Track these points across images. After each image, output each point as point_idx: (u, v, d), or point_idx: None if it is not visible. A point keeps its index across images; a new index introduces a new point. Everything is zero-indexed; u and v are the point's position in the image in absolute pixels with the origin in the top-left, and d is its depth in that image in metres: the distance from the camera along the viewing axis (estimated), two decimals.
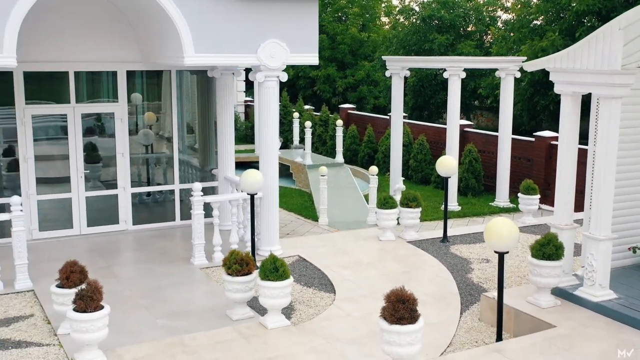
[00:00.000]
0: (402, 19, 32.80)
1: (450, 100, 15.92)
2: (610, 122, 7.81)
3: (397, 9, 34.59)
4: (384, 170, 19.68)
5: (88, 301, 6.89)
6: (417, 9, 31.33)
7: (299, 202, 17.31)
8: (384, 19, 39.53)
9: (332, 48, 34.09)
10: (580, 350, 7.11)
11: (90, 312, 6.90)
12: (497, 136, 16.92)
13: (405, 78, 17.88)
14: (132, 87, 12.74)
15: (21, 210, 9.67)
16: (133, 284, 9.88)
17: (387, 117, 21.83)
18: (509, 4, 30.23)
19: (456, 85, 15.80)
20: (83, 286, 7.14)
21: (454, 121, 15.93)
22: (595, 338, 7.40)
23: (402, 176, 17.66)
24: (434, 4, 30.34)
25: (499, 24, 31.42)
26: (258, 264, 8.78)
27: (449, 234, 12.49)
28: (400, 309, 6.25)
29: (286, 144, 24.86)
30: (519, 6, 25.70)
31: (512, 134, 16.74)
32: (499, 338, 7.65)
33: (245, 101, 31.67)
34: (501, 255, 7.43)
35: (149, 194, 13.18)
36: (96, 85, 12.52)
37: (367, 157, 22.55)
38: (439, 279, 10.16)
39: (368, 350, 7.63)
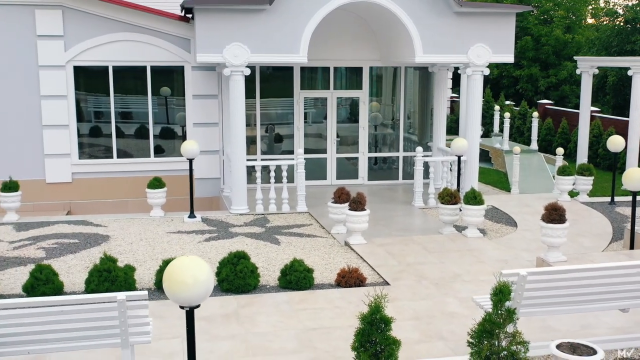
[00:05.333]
0: (606, 21, 34.16)
1: (633, 95, 18.53)
2: None
3: (603, 11, 35.96)
4: (575, 158, 22.47)
5: (358, 204, 11.35)
6: (620, 12, 32.72)
7: (495, 179, 20.92)
8: (590, 21, 40.61)
9: (536, 49, 36.16)
10: None
11: (359, 211, 11.35)
12: None
13: (595, 76, 20.62)
14: (371, 80, 17.30)
15: (302, 159, 14.52)
16: (373, 214, 14.27)
17: None
18: None
19: (639, 82, 18.37)
20: (354, 196, 11.60)
21: (636, 114, 18.53)
22: None
23: (592, 164, 20.43)
24: (638, 7, 31.59)
25: None
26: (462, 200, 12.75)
27: (617, 200, 15.42)
28: (553, 214, 9.88)
29: (487, 133, 28.33)
30: None
31: None
32: (631, 248, 10.90)
33: (451, 97, 35.06)
34: (634, 194, 10.67)
35: (375, 162, 17.62)
36: (347, 77, 17.22)
37: (560, 146, 25.30)
38: (599, 224, 13.38)
39: (533, 255, 11.25)
